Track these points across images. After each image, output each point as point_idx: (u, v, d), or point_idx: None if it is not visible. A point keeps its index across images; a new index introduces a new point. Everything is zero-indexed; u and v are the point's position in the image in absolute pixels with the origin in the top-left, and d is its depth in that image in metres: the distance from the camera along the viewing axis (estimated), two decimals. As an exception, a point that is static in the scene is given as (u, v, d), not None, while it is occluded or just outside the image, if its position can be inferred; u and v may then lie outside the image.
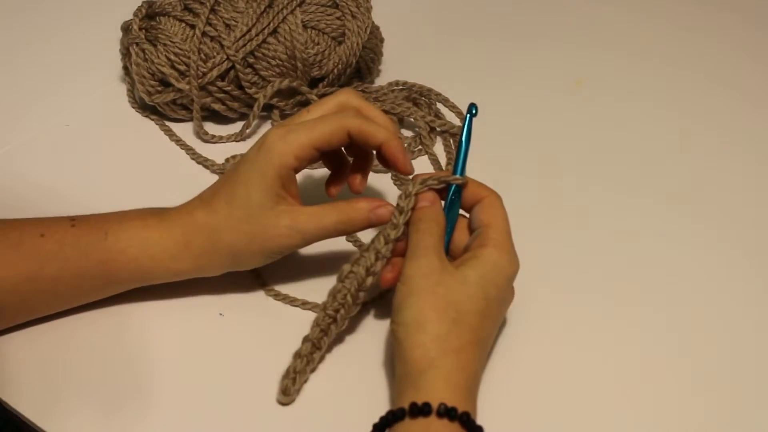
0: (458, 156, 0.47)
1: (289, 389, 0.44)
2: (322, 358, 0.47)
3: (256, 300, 0.50)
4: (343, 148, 0.49)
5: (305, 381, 0.45)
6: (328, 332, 0.45)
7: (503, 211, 0.45)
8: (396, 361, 0.42)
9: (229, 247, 0.45)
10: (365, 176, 0.50)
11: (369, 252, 0.45)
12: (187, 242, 0.46)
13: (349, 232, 0.46)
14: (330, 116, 0.45)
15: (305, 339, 0.45)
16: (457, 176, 0.46)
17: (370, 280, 0.44)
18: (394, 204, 0.46)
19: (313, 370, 0.46)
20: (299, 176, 0.48)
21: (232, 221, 0.45)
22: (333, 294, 0.45)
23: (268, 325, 0.49)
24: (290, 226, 0.45)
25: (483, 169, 0.49)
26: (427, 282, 0.41)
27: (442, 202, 0.46)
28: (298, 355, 0.45)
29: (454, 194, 0.46)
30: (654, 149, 0.66)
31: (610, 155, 0.66)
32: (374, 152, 0.48)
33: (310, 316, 0.48)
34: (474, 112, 0.47)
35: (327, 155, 0.49)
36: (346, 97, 0.47)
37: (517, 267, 0.44)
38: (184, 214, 0.46)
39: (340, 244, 0.54)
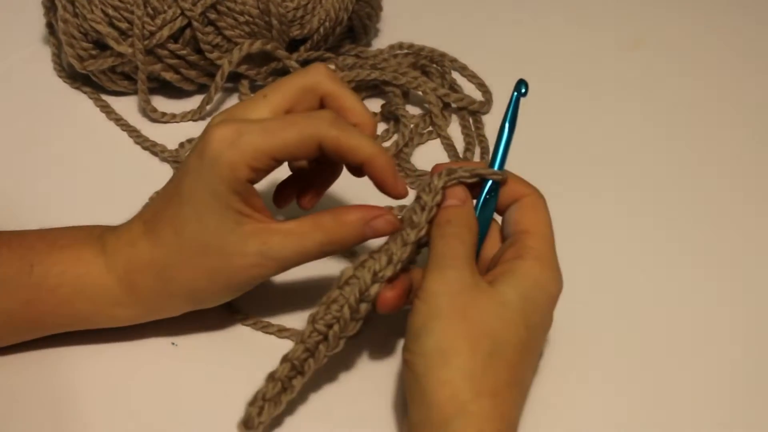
0: (498, 144, 0.45)
1: (252, 420, 0.41)
2: (302, 396, 0.45)
3: (219, 325, 0.49)
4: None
5: (276, 413, 0.42)
6: (316, 354, 0.42)
7: (547, 215, 0.44)
8: (410, 403, 0.40)
9: (186, 287, 0.44)
10: (321, 192, 0.48)
11: (380, 254, 0.42)
12: (131, 283, 0.44)
13: (337, 252, 0.44)
14: (298, 119, 0.42)
15: (284, 359, 0.42)
16: (496, 170, 0.44)
17: (376, 290, 0.42)
18: (399, 208, 0.43)
19: (301, 402, 0.44)
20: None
21: (185, 255, 0.43)
22: (326, 303, 0.42)
23: (233, 358, 0.47)
24: (261, 253, 0.42)
25: (512, 159, 0.47)
26: (457, 302, 0.40)
27: (474, 201, 0.45)
28: (271, 377, 0.42)
29: (490, 192, 0.44)
30: (737, 132, 0.65)
31: (677, 141, 0.64)
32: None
33: (288, 347, 0.47)
34: (523, 90, 0.45)
35: None
36: (315, 78, 0.44)
37: (561, 286, 0.42)
38: (126, 246, 0.44)
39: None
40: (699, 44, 0.75)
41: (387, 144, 0.61)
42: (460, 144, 0.62)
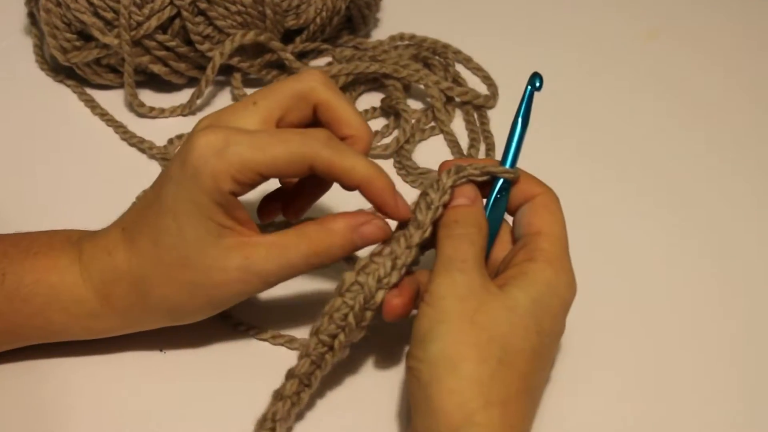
0: (510, 141, 0.45)
1: None
2: (310, 403, 0.45)
3: (210, 331, 0.48)
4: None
5: (289, 430, 0.43)
6: (322, 364, 0.42)
7: (560, 216, 0.43)
8: (415, 412, 0.40)
9: (164, 301, 0.43)
10: (309, 203, 0.47)
11: (383, 258, 0.42)
12: (107, 294, 0.43)
13: (326, 264, 0.43)
14: (290, 136, 0.41)
15: (290, 374, 0.42)
16: (507, 168, 0.44)
17: (381, 296, 0.41)
18: (394, 215, 0.42)
19: (299, 417, 0.44)
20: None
21: (163, 267, 0.42)
22: (329, 313, 0.42)
23: (226, 365, 0.47)
24: (243, 268, 0.42)
25: (521, 154, 0.47)
26: (465, 306, 0.39)
27: (483, 201, 0.44)
28: (279, 396, 0.42)
29: (501, 191, 0.44)
30: (758, 124, 0.65)
31: (694, 134, 0.64)
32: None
33: (284, 354, 0.47)
34: (538, 84, 0.45)
35: None
36: (309, 85, 0.44)
37: (575, 291, 0.42)
38: (103, 253, 0.44)
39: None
40: (717, 33, 0.75)
41: (387, 140, 0.60)
42: (464, 140, 0.61)
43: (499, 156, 0.46)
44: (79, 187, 0.57)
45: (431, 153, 0.60)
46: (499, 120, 0.62)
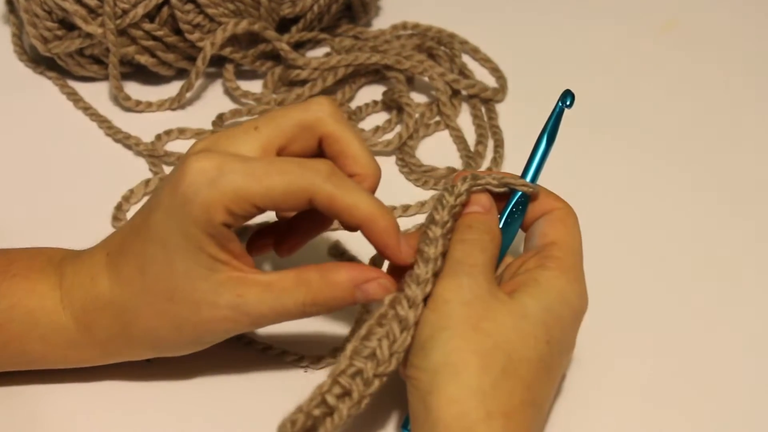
0: (533, 156, 0.46)
1: None
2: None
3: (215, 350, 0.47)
4: None
5: None
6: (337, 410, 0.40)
7: (577, 231, 0.44)
8: (413, 423, 0.40)
9: (147, 334, 0.43)
10: (305, 241, 0.46)
11: (390, 321, 0.40)
12: (88, 324, 0.43)
13: (321, 313, 0.43)
14: (290, 167, 0.40)
15: (298, 410, 0.40)
16: (527, 182, 0.45)
17: (393, 366, 0.40)
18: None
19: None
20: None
21: (149, 298, 0.42)
22: (335, 375, 0.40)
23: (225, 381, 0.47)
24: (234, 306, 0.41)
25: (527, 156, 0.47)
26: (469, 312, 0.39)
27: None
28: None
29: (517, 206, 0.45)
30: None
31: (712, 131, 0.64)
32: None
33: (290, 371, 0.47)
34: (569, 102, 0.47)
35: None
36: (316, 116, 0.43)
37: (587, 304, 0.43)
38: (86, 280, 0.44)
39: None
40: (733, 25, 0.74)
41: (389, 136, 0.60)
42: (470, 136, 0.61)
43: (506, 154, 0.47)
44: (62, 185, 0.57)
45: (436, 149, 0.59)
46: (508, 115, 0.62)
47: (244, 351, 0.48)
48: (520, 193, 0.45)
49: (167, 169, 0.58)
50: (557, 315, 0.41)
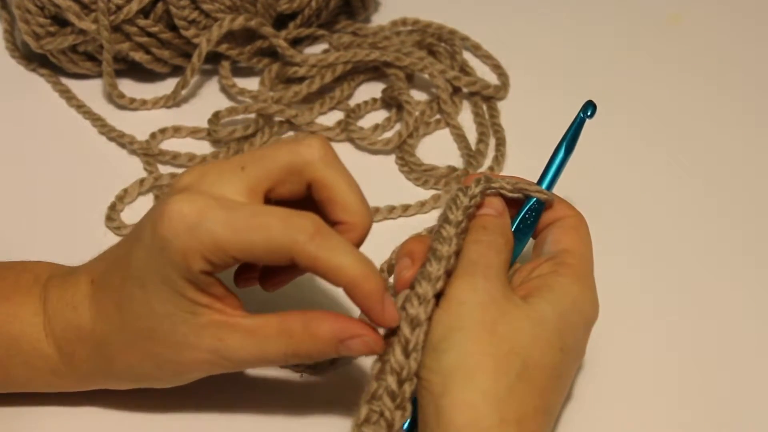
0: (550, 164, 0.47)
1: None
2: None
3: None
4: None
5: None
6: None
7: (589, 239, 0.44)
8: (422, 425, 0.40)
9: (129, 369, 0.43)
10: (290, 279, 0.46)
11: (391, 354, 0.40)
12: (70, 354, 0.43)
13: (304, 362, 0.43)
14: (273, 221, 0.39)
15: None
16: (543, 189, 0.45)
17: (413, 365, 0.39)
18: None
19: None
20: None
21: (128, 336, 0.42)
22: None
23: (219, 384, 0.46)
24: (215, 350, 0.41)
25: (530, 154, 0.48)
26: (485, 314, 0.39)
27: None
28: None
29: (531, 212, 0.45)
30: None
31: (719, 128, 0.64)
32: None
33: (286, 376, 0.46)
34: (590, 113, 0.48)
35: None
36: (306, 159, 0.42)
37: (598, 313, 0.43)
38: (68, 308, 0.43)
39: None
40: (740, 17, 0.74)
41: (389, 134, 0.60)
42: (472, 134, 0.61)
43: (508, 152, 0.48)
44: (55, 184, 0.57)
45: (436, 148, 0.59)
46: (511, 112, 0.62)
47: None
48: (534, 199, 0.45)
49: (162, 168, 0.58)
50: (571, 322, 0.41)
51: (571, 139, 0.47)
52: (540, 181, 0.46)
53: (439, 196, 0.56)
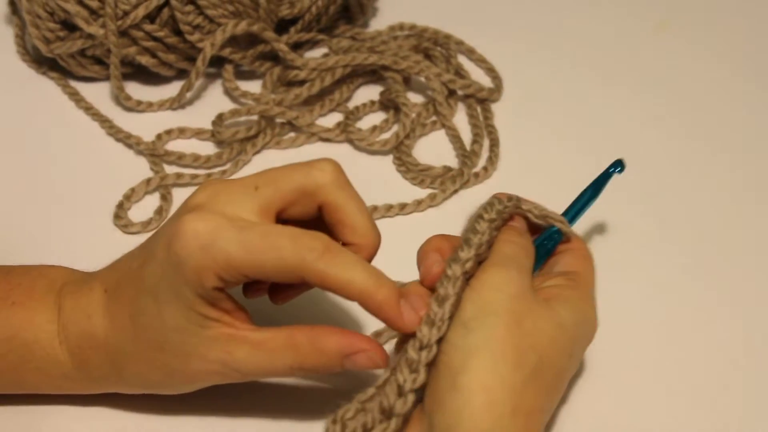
0: (576, 203, 0.49)
1: None
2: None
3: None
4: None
5: None
6: None
7: (593, 268, 0.46)
8: (433, 405, 0.39)
9: (140, 378, 0.43)
10: (297, 294, 0.45)
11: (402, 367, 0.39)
12: (84, 360, 0.43)
13: (310, 375, 0.43)
14: (284, 242, 0.39)
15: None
16: (567, 222, 0.46)
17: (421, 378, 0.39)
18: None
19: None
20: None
21: (140, 345, 0.42)
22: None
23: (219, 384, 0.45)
24: (223, 362, 0.41)
25: (522, 155, 0.47)
26: (516, 307, 0.39)
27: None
28: None
29: (548, 240, 0.46)
30: None
31: (704, 137, 0.63)
32: None
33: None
34: (619, 169, 0.50)
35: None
36: (318, 182, 0.42)
37: (595, 333, 0.44)
38: (82, 316, 0.43)
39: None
40: (726, 25, 0.74)
41: (386, 135, 0.60)
42: (466, 135, 0.61)
43: (501, 153, 0.47)
44: (64, 184, 0.57)
45: (432, 149, 0.60)
46: (504, 114, 0.62)
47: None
48: (555, 229, 0.45)
49: (168, 168, 0.58)
50: (582, 333, 0.42)
51: (597, 186, 0.49)
52: (565, 214, 0.47)
53: (435, 195, 0.55)
